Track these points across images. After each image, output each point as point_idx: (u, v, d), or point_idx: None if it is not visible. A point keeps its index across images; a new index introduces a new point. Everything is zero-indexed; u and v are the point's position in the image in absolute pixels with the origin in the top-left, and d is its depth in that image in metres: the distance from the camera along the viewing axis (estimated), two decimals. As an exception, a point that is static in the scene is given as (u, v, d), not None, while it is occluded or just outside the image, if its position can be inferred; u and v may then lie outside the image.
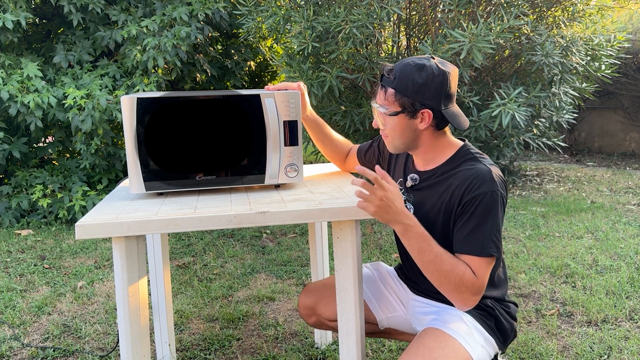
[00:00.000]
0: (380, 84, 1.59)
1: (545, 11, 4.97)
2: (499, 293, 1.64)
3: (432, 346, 1.48)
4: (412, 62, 1.53)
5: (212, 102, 1.58)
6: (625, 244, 3.46)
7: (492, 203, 1.47)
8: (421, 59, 1.54)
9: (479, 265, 1.46)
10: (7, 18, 4.26)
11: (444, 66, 1.53)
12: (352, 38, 4.21)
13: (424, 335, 1.53)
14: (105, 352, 2.31)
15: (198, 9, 4.73)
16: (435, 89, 1.51)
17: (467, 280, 1.44)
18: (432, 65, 1.52)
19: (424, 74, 1.50)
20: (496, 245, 1.47)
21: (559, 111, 5.14)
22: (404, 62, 1.55)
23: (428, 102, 1.52)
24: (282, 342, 2.36)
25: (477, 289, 1.45)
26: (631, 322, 2.42)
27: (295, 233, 4.05)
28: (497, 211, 1.47)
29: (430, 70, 1.50)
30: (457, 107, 1.59)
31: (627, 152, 7.16)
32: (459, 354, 1.49)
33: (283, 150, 1.66)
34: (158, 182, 1.60)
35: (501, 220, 1.50)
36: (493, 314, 1.59)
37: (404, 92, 1.52)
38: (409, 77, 1.52)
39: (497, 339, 1.58)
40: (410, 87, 1.51)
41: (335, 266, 1.54)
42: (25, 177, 4.55)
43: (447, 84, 1.52)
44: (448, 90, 1.52)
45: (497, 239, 1.47)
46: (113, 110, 4.32)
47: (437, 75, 1.50)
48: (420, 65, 1.52)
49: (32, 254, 3.67)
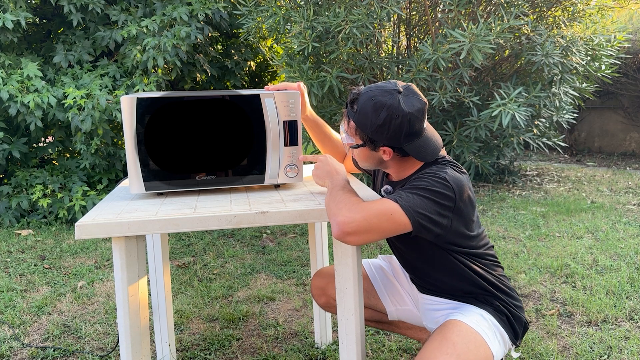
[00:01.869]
0: (346, 111, 1.58)
1: (545, 11, 4.97)
2: (508, 298, 1.64)
3: (455, 340, 1.47)
4: (374, 97, 1.48)
5: (212, 102, 1.58)
6: (625, 244, 3.46)
7: (427, 184, 1.43)
8: (385, 93, 1.48)
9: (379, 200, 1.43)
10: (7, 18, 4.26)
11: (407, 104, 1.47)
12: (352, 38, 4.21)
13: (446, 329, 1.52)
14: (105, 352, 2.31)
15: (198, 9, 4.73)
16: (394, 130, 1.47)
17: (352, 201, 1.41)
18: (393, 104, 1.46)
19: (383, 114, 1.46)
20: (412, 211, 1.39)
21: (559, 111, 5.14)
22: (367, 95, 1.50)
23: (387, 142, 1.51)
24: (282, 342, 2.36)
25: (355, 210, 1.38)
26: (631, 322, 2.42)
27: (295, 233, 4.05)
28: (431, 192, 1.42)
29: (390, 111, 1.45)
30: (427, 135, 1.53)
31: (627, 152, 7.16)
32: (481, 349, 1.48)
33: (283, 150, 1.66)
34: (158, 182, 1.60)
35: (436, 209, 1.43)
36: (504, 310, 1.60)
37: (364, 129, 1.51)
38: (368, 116, 1.48)
39: (510, 333, 1.59)
40: (369, 126, 1.49)
41: (335, 266, 1.54)
42: (25, 177, 4.55)
43: (407, 125, 1.47)
44: (409, 130, 1.48)
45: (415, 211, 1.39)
46: (113, 110, 4.32)
47: (396, 117, 1.46)
48: (381, 104, 1.46)
49: (32, 254, 3.67)
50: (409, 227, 1.40)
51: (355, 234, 1.37)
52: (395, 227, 1.40)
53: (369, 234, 1.38)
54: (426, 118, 1.54)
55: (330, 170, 1.58)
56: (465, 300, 1.62)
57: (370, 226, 1.37)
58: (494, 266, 1.65)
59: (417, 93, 1.51)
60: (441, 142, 1.58)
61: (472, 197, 1.53)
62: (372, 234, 1.38)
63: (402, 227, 1.40)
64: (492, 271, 1.63)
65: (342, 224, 1.36)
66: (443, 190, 1.43)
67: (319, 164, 1.62)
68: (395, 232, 1.41)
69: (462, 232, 1.53)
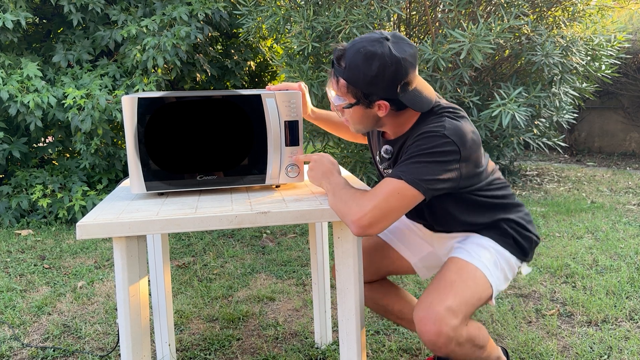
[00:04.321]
0: (332, 70, 1.49)
1: (545, 11, 4.97)
2: (515, 216, 1.63)
3: (453, 279, 1.50)
4: (362, 49, 1.40)
5: (213, 102, 1.58)
6: (625, 244, 3.46)
7: (427, 147, 1.39)
8: (373, 42, 1.40)
9: (382, 182, 1.41)
10: (7, 18, 4.26)
11: (398, 50, 1.39)
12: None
13: (446, 268, 1.56)
14: (105, 352, 2.31)
15: (198, 9, 4.73)
16: (389, 80, 1.40)
17: (357, 195, 1.41)
18: (385, 52, 1.38)
19: (376, 63, 1.38)
20: (418, 182, 1.37)
21: (559, 111, 5.14)
22: (355, 48, 1.41)
23: (382, 94, 1.44)
24: (282, 342, 2.36)
25: (364, 202, 1.37)
26: (631, 322, 2.42)
27: (295, 233, 4.05)
28: (433, 155, 1.39)
29: (383, 59, 1.38)
30: (419, 84, 1.47)
31: (627, 152, 7.16)
32: (480, 283, 1.51)
33: (284, 151, 1.66)
34: (159, 182, 1.60)
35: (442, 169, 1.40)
36: (510, 233, 1.61)
37: (356, 85, 1.43)
38: (360, 69, 1.40)
39: (518, 254, 1.61)
40: (362, 79, 1.41)
41: (336, 266, 1.54)
42: (25, 177, 4.55)
43: (403, 71, 1.40)
44: (404, 77, 1.41)
45: (422, 180, 1.38)
46: (113, 110, 4.32)
47: (390, 65, 1.38)
48: (371, 53, 1.38)
49: (32, 254, 3.67)
50: (421, 197, 1.40)
51: (373, 225, 1.37)
52: (407, 202, 1.40)
53: (386, 219, 1.38)
54: (416, 65, 1.46)
55: (325, 170, 1.57)
56: (474, 229, 1.63)
57: (384, 212, 1.37)
58: (501, 188, 1.64)
59: (405, 38, 1.43)
60: (432, 90, 1.52)
61: (476, 137, 1.48)
62: (389, 217, 1.39)
63: (415, 199, 1.40)
64: (500, 192, 1.63)
65: (357, 221, 1.37)
66: (444, 147, 1.39)
67: (313, 164, 1.60)
68: (410, 206, 1.41)
69: (474, 172, 1.51)
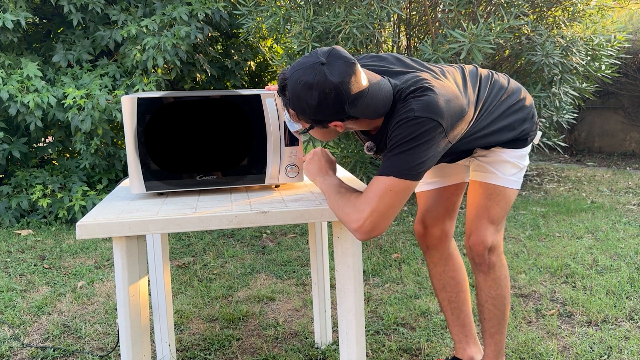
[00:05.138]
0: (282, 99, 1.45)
1: (545, 11, 4.97)
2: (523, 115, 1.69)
3: (487, 205, 1.71)
4: (299, 79, 1.35)
5: (213, 102, 1.58)
6: (625, 244, 3.46)
7: (404, 135, 1.39)
8: (307, 71, 1.34)
9: (373, 182, 1.41)
10: (7, 18, 4.26)
11: (334, 74, 1.33)
12: (352, 38, 4.21)
13: (476, 195, 1.73)
14: (105, 352, 2.31)
15: (198, 9, 4.73)
16: (333, 105, 1.36)
17: (352, 200, 1.41)
18: (320, 80, 1.33)
19: (315, 93, 1.34)
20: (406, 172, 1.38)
21: (559, 111, 5.14)
22: (293, 79, 1.37)
23: (332, 118, 1.40)
24: (282, 342, 2.36)
25: (360, 207, 1.38)
26: (631, 322, 2.42)
27: (295, 233, 4.05)
28: (413, 140, 1.38)
29: (320, 87, 1.33)
30: (371, 89, 1.40)
31: (627, 152, 7.16)
32: (510, 195, 1.72)
33: (283, 151, 1.66)
34: (158, 182, 1.60)
35: (428, 148, 1.40)
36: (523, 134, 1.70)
37: (304, 114, 1.40)
38: (302, 99, 1.36)
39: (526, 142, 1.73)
40: (307, 109, 1.38)
41: (336, 266, 1.54)
42: (25, 177, 4.55)
43: (344, 93, 1.34)
44: (347, 96, 1.35)
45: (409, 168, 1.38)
46: (112, 110, 4.32)
47: (330, 92, 1.33)
48: (308, 84, 1.34)
49: (32, 254, 3.67)
50: (414, 184, 1.42)
51: (375, 228, 1.39)
52: (402, 195, 1.41)
53: (386, 218, 1.40)
54: (362, 74, 1.38)
55: (320, 166, 1.58)
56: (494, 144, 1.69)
57: (382, 212, 1.39)
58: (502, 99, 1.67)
59: (342, 56, 1.36)
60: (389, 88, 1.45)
61: (451, 101, 1.44)
62: (389, 215, 1.41)
63: (409, 190, 1.42)
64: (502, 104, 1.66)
65: (358, 228, 1.39)
66: (422, 128, 1.38)
67: (311, 157, 1.62)
68: (406, 198, 1.43)
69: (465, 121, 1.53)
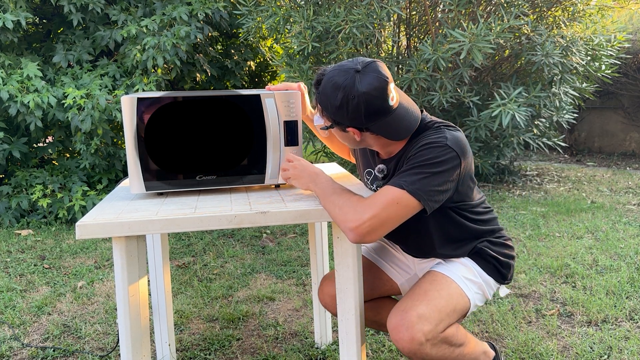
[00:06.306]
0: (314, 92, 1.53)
1: (545, 11, 4.97)
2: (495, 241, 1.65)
3: (427, 288, 1.53)
4: (332, 78, 1.43)
5: (213, 102, 1.58)
6: (625, 244, 3.46)
7: (431, 157, 1.41)
8: (342, 73, 1.42)
9: (382, 190, 1.42)
10: (7, 18, 4.26)
11: (362, 84, 1.40)
12: (352, 38, 4.21)
13: (421, 280, 1.60)
14: (105, 352, 2.31)
15: (198, 9, 4.73)
16: (352, 111, 1.42)
17: (353, 201, 1.41)
18: (348, 84, 1.40)
19: (340, 95, 1.41)
20: (421, 193, 1.38)
21: (559, 111, 5.14)
22: (328, 76, 1.45)
23: (349, 123, 1.47)
24: (282, 342, 2.36)
25: (361, 210, 1.38)
26: (631, 322, 2.42)
27: (295, 233, 4.05)
28: (437, 164, 1.40)
29: (346, 92, 1.40)
30: (398, 113, 1.46)
31: (627, 152, 7.16)
32: (454, 293, 1.54)
33: (283, 151, 1.66)
34: (158, 182, 1.60)
35: (445, 179, 1.42)
36: (491, 260, 1.62)
37: (326, 110, 1.49)
38: (328, 97, 1.45)
39: (496, 277, 1.63)
40: (330, 108, 1.46)
41: (336, 266, 1.54)
42: (25, 177, 4.55)
43: (365, 105, 1.41)
44: (369, 110, 1.41)
45: (424, 192, 1.39)
46: (112, 110, 4.32)
47: (352, 98, 1.40)
48: (337, 85, 1.41)
49: (32, 254, 3.67)
50: (420, 207, 1.41)
51: (371, 233, 1.38)
52: (406, 212, 1.41)
53: (383, 227, 1.39)
54: (393, 95, 1.44)
55: (310, 173, 1.56)
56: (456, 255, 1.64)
57: (382, 220, 1.38)
58: (487, 213, 1.66)
59: (377, 70, 1.43)
60: (418, 116, 1.51)
61: (470, 151, 1.52)
62: (387, 226, 1.40)
63: (413, 210, 1.41)
64: (485, 217, 1.64)
65: (354, 229, 1.38)
66: (446, 156, 1.41)
67: (296, 171, 1.58)
68: (408, 216, 1.42)
69: (468, 185, 1.54)
